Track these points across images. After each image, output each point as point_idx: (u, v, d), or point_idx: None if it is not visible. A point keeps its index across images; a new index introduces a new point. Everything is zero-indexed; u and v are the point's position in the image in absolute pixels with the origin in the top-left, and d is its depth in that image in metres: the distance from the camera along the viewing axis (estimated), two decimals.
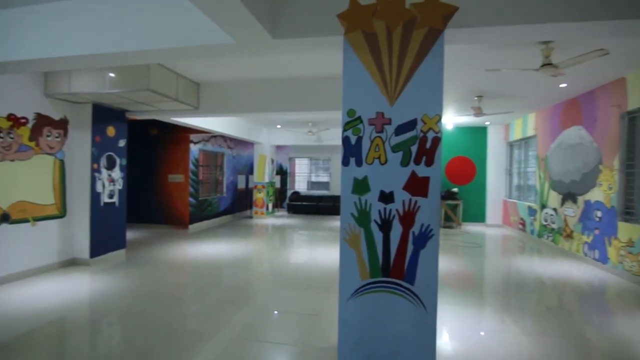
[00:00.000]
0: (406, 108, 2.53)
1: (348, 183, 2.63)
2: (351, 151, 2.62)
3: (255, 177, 11.42)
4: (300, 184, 13.67)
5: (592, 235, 5.75)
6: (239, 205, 11.52)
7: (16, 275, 4.56)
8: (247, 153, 11.99)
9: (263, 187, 11.32)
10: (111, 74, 4.61)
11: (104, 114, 5.62)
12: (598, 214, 5.62)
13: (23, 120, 4.65)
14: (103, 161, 5.63)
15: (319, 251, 6.65)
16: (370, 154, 2.59)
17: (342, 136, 2.62)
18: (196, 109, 5.86)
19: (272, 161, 12.04)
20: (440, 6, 2.42)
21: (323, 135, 11.24)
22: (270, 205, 11.70)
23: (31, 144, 4.76)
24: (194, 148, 8.98)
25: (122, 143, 6.02)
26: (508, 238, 8.39)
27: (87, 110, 5.39)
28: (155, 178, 9.02)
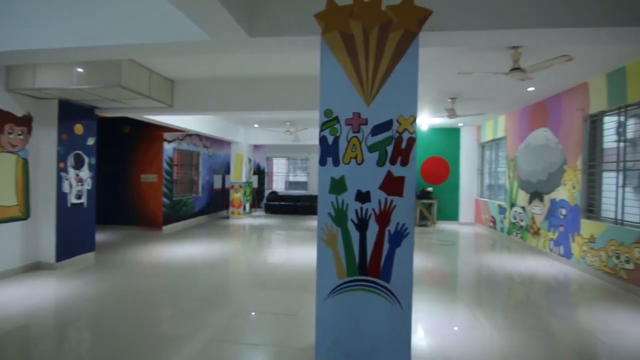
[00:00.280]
0: (382, 109, 2.57)
1: (325, 183, 2.64)
2: (328, 151, 2.63)
3: (232, 177, 11.27)
4: (278, 184, 13.59)
5: (557, 232, 6.04)
6: (215, 205, 11.32)
7: None
8: (224, 152, 11.80)
9: (240, 187, 11.18)
10: (79, 69, 4.42)
11: (72, 111, 5.38)
12: (563, 212, 5.91)
13: None
14: (70, 160, 5.39)
15: (297, 251, 6.64)
16: (347, 154, 2.61)
17: (319, 136, 2.63)
18: (170, 107, 5.71)
19: (250, 161, 11.91)
20: (415, 9, 2.47)
21: (301, 134, 11.23)
22: (247, 205, 11.57)
23: None
24: (168, 147, 8.75)
25: (91, 141, 5.78)
26: (480, 236, 8.68)
27: (53, 106, 5.14)
28: (127, 178, 8.72)
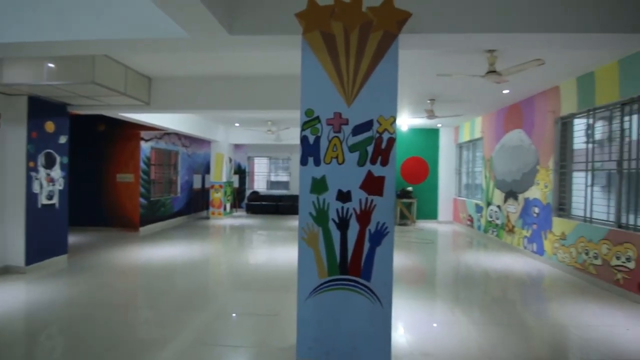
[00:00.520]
0: (363, 109, 2.60)
1: (306, 182, 2.64)
2: (309, 151, 2.63)
3: (212, 177, 11.09)
4: (259, 184, 13.47)
5: (531, 229, 6.26)
6: (195, 205, 11.12)
7: None
8: (204, 151, 11.60)
9: (220, 187, 11.02)
10: (50, 65, 4.24)
11: (42, 108, 5.16)
12: (536, 210, 6.13)
13: None
14: (41, 159, 5.16)
15: (279, 251, 6.60)
16: (328, 154, 2.62)
17: (301, 136, 2.63)
18: (147, 105, 5.57)
19: (230, 160, 11.76)
20: (394, 11, 2.50)
21: (283, 134, 11.18)
22: (228, 205, 11.42)
23: None
24: (145, 146, 8.53)
25: (63, 139, 5.56)
26: (457, 234, 8.89)
27: (22, 103, 4.91)
28: (102, 177, 8.44)
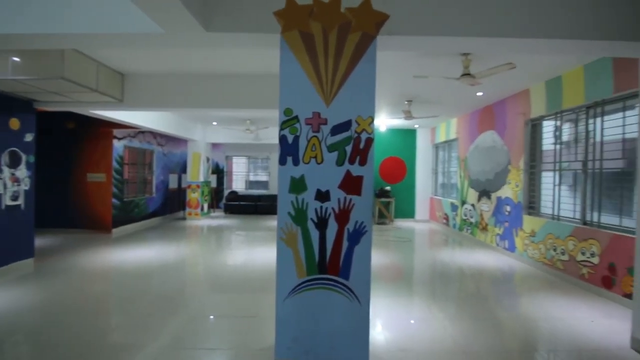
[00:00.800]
0: (341, 109, 2.61)
1: (285, 182, 2.63)
2: (288, 150, 2.62)
3: (188, 176, 10.85)
4: (238, 183, 13.31)
5: (503, 227, 6.49)
6: (171, 206, 10.86)
7: None
8: (180, 150, 11.34)
9: (197, 187, 10.80)
10: (15, 58, 4.02)
11: (6, 104, 4.89)
12: (507, 209, 6.36)
13: None
14: (4, 158, 4.90)
15: (258, 252, 6.55)
16: (307, 153, 2.62)
17: (279, 135, 2.61)
18: (120, 102, 5.38)
19: (208, 159, 11.55)
20: (372, 13, 2.53)
21: (262, 133, 11.07)
22: (205, 205, 11.21)
23: None
24: (118, 144, 8.25)
25: (29, 137, 5.30)
26: (434, 232, 9.10)
27: None
28: (71, 177, 8.09)
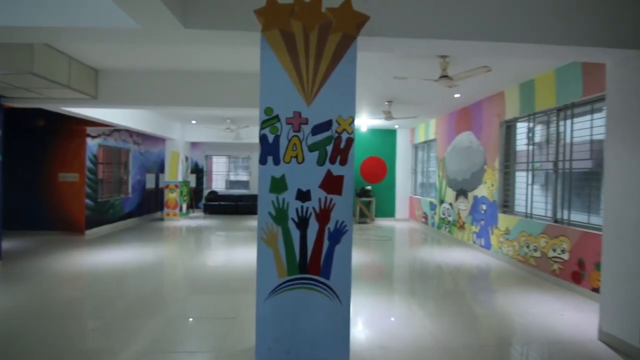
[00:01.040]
0: (322, 109, 2.62)
1: (265, 182, 2.61)
2: (269, 150, 2.60)
3: (166, 176, 10.61)
4: (218, 183, 13.10)
5: (479, 225, 6.67)
6: (148, 206, 10.57)
7: None
8: (158, 149, 11.06)
9: (176, 187, 10.58)
10: None
11: None
12: (483, 207, 6.54)
13: None
14: None
15: (238, 252, 6.47)
16: (287, 153, 2.61)
17: (260, 134, 2.60)
18: (94, 99, 5.21)
19: (187, 159, 11.33)
20: (353, 14, 2.54)
21: (242, 132, 10.96)
22: (184, 206, 10.99)
23: None
24: (92, 143, 7.97)
25: None
26: (413, 231, 9.26)
27: None
28: (42, 177, 7.75)
